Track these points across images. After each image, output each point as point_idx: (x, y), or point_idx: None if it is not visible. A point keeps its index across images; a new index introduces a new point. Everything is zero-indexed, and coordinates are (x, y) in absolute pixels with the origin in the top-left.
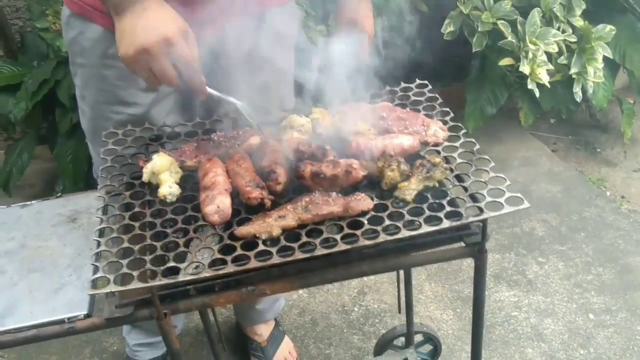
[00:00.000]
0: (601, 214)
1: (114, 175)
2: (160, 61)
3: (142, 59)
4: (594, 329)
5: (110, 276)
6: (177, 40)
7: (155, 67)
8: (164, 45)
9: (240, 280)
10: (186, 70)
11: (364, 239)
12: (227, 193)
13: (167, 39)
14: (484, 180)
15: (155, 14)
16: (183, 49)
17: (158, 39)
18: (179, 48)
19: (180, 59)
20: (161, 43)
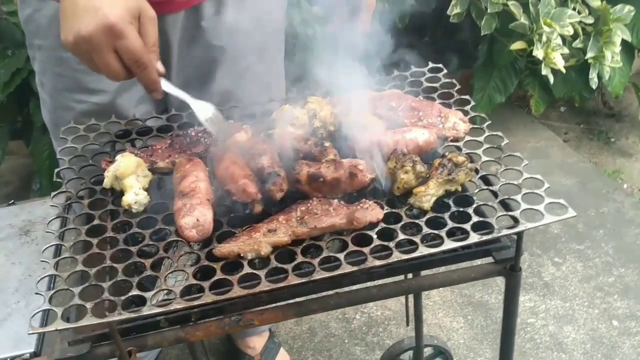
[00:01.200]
0: (620, 209)
1: (71, 179)
2: (102, 54)
3: (83, 49)
4: (618, 337)
5: (58, 309)
6: (122, 27)
7: (97, 61)
8: (107, 35)
9: (221, 309)
10: (135, 66)
11: (374, 258)
12: (209, 204)
13: (110, 27)
14: (516, 182)
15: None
16: (131, 40)
17: (99, 27)
18: (127, 40)
19: (128, 53)
20: (104, 32)
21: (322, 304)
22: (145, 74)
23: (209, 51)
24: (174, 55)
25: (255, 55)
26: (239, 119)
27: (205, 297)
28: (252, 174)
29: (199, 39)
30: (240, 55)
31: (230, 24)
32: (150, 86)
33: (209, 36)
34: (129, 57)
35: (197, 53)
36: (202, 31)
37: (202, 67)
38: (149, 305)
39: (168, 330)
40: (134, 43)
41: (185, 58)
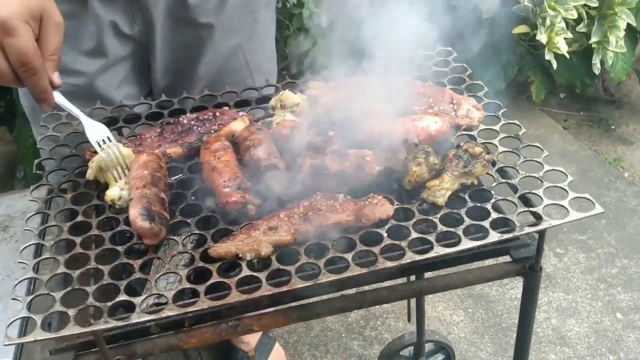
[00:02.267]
0: (622, 199)
1: (52, 170)
2: None
3: None
4: (622, 330)
5: (37, 317)
6: (14, 25)
7: None
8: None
9: (217, 313)
10: (21, 69)
11: (384, 259)
12: None
13: (1, 22)
14: (537, 175)
15: None
16: (21, 40)
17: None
18: (16, 39)
19: (15, 54)
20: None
21: (327, 307)
22: (33, 81)
23: (196, 30)
24: (157, 35)
25: (245, 33)
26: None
27: (201, 303)
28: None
29: (185, 16)
30: (229, 33)
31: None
32: (38, 95)
33: (195, 14)
34: (16, 58)
35: (182, 32)
36: (188, 8)
37: (188, 47)
38: (138, 312)
39: (159, 337)
40: (24, 43)
41: (170, 38)
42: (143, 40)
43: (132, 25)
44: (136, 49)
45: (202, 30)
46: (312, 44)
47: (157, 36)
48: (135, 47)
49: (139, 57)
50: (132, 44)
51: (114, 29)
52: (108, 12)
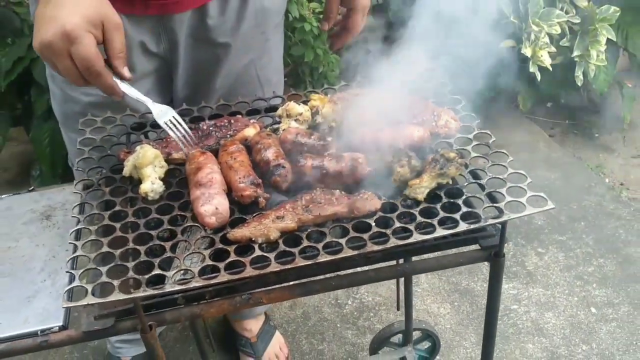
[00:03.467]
0: (601, 203)
1: (91, 168)
2: (60, 60)
3: (46, 55)
4: (596, 323)
5: (88, 286)
6: (78, 35)
7: (58, 66)
8: (63, 41)
9: (233, 288)
10: (87, 73)
11: (372, 243)
12: (225, 194)
13: (66, 34)
14: (502, 177)
15: (64, 1)
16: (84, 46)
17: (56, 33)
18: (80, 46)
19: (80, 60)
20: (60, 38)
21: (324, 284)
22: (98, 81)
23: (214, 48)
24: (180, 53)
25: (257, 51)
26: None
27: (221, 277)
28: (249, 171)
29: (205, 36)
30: (244, 51)
31: (234, 21)
32: (106, 91)
33: (214, 34)
34: (81, 63)
35: (202, 50)
36: (208, 29)
37: (207, 63)
38: (170, 284)
39: (184, 307)
40: (86, 50)
41: (191, 55)
42: (167, 57)
43: (158, 44)
44: (160, 65)
45: (220, 49)
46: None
47: (180, 54)
48: (160, 63)
49: (163, 72)
50: (157, 61)
51: (142, 47)
52: (137, 33)
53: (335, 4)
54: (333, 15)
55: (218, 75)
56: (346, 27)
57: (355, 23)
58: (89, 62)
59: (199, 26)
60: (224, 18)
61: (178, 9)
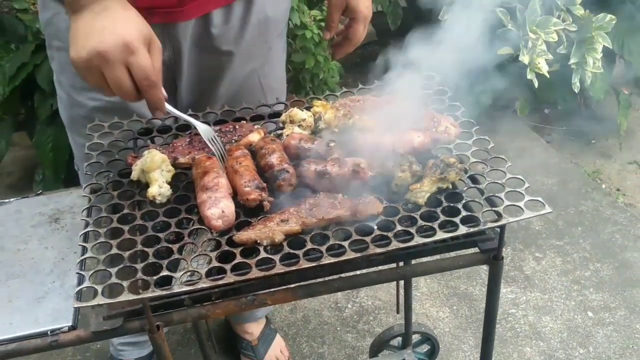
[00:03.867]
0: (598, 208)
1: (100, 172)
2: (115, 69)
3: (95, 65)
4: (593, 327)
5: (98, 287)
6: (137, 47)
7: (109, 75)
8: (122, 51)
9: (238, 289)
10: (144, 83)
11: (374, 246)
12: (231, 197)
13: (127, 45)
14: (500, 182)
15: (116, 15)
16: (143, 58)
17: (116, 43)
18: (140, 57)
19: (139, 70)
20: (119, 48)
21: (327, 286)
22: (153, 92)
23: (218, 56)
24: (184, 60)
25: (260, 59)
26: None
27: (228, 278)
28: (254, 175)
29: (209, 45)
30: (247, 59)
31: (237, 30)
32: (156, 104)
33: (218, 43)
34: (141, 74)
35: (206, 58)
36: (212, 38)
37: (210, 71)
38: (177, 284)
39: (191, 308)
40: (146, 61)
41: (195, 63)
42: (171, 65)
43: (162, 52)
44: (165, 73)
45: (224, 57)
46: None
47: (184, 61)
48: (164, 71)
49: (167, 79)
50: (162, 69)
51: None
52: None
53: (337, 13)
54: (334, 25)
55: (221, 83)
56: (348, 36)
57: (356, 33)
58: (147, 72)
59: (203, 35)
60: (227, 27)
61: (182, 18)
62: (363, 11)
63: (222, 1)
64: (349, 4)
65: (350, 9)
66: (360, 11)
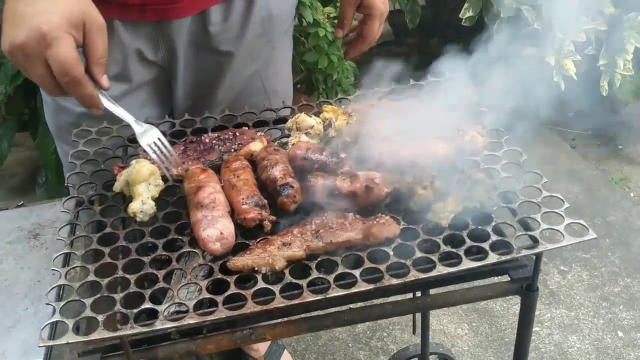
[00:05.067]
0: (627, 218)
1: (82, 184)
2: (33, 64)
3: (17, 59)
4: (623, 348)
5: (69, 321)
6: (55, 36)
7: (30, 73)
8: (38, 43)
9: (234, 322)
10: (64, 80)
11: (390, 275)
12: (230, 217)
13: (42, 35)
14: (535, 201)
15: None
16: (62, 50)
17: (29, 35)
18: (57, 49)
19: (56, 65)
20: (34, 40)
21: (335, 319)
22: (77, 90)
23: (217, 57)
24: (180, 61)
25: (263, 60)
26: (252, 125)
27: (219, 313)
28: (254, 191)
29: (206, 44)
30: (248, 60)
31: (238, 28)
32: (85, 102)
33: (216, 42)
34: (58, 70)
35: (204, 59)
36: (210, 37)
37: (209, 73)
38: (161, 319)
39: (179, 342)
40: (65, 54)
41: (191, 64)
42: (166, 66)
43: (156, 52)
44: (159, 74)
45: (223, 58)
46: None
47: (180, 62)
48: (158, 72)
49: (162, 82)
50: (155, 70)
51: (139, 55)
52: (133, 40)
53: (351, 9)
54: (348, 22)
55: (221, 86)
56: (362, 34)
57: (371, 30)
58: (66, 68)
59: (200, 33)
60: (227, 25)
61: (177, 15)
62: (379, 7)
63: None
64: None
65: (365, 4)
66: (376, 7)
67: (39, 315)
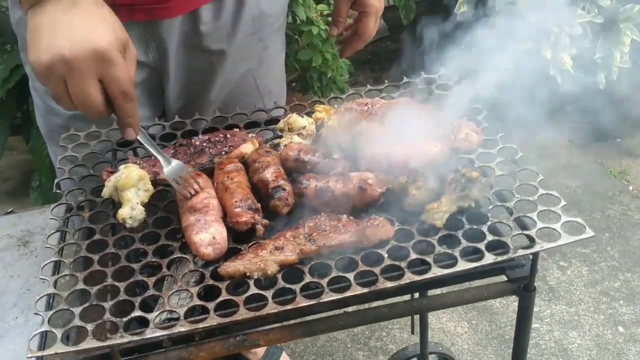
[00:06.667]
0: (626, 212)
1: (71, 190)
2: (83, 81)
3: (58, 72)
4: (624, 343)
5: (57, 331)
6: (113, 55)
7: (74, 87)
8: (96, 60)
9: (226, 328)
10: (120, 97)
11: (385, 278)
12: (223, 222)
13: (100, 52)
14: (532, 199)
15: (87, 13)
16: (122, 69)
17: (86, 50)
18: (116, 67)
19: (117, 83)
20: (91, 57)
21: (330, 323)
22: (130, 107)
23: (209, 56)
24: (171, 62)
25: (256, 59)
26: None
27: (210, 320)
28: (247, 194)
29: (198, 44)
30: (241, 59)
31: (229, 27)
32: (129, 119)
33: (207, 41)
34: (117, 88)
35: (195, 59)
36: (201, 36)
37: (201, 73)
38: (151, 328)
39: (171, 350)
40: (124, 72)
41: (183, 64)
42: (157, 67)
43: (146, 52)
44: (150, 75)
45: (215, 57)
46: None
47: (171, 63)
48: (149, 72)
49: (153, 82)
50: (146, 70)
51: None
52: None
53: (345, 7)
54: (343, 20)
55: (213, 86)
56: (357, 32)
57: (367, 28)
58: (125, 86)
59: (190, 33)
60: (218, 24)
61: (167, 15)
62: (374, 4)
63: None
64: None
65: (360, 2)
66: (372, 4)
67: (29, 325)
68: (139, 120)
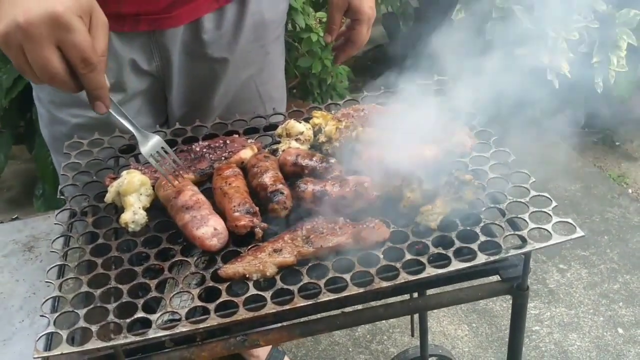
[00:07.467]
0: (625, 215)
1: (75, 196)
2: (40, 47)
3: (14, 40)
4: (624, 345)
5: (63, 332)
6: (70, 19)
7: (32, 55)
8: (50, 24)
9: (227, 328)
10: (81, 65)
11: (380, 279)
12: (216, 213)
13: (55, 17)
14: (524, 201)
15: None
16: (79, 33)
17: (41, 15)
18: (74, 32)
19: (75, 49)
20: (46, 21)
21: (328, 323)
22: (92, 76)
23: (211, 64)
24: (174, 70)
25: (257, 65)
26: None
27: (211, 320)
28: (245, 198)
29: (200, 52)
30: (243, 66)
31: (231, 35)
32: (95, 91)
33: (210, 49)
34: (77, 54)
35: (198, 67)
36: (203, 44)
37: (203, 80)
38: (154, 328)
39: (173, 351)
40: (83, 38)
41: (186, 72)
42: (160, 75)
43: (150, 61)
44: (153, 83)
45: (217, 65)
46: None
47: (174, 71)
48: (153, 81)
49: (156, 90)
50: (149, 79)
51: (133, 65)
52: (128, 51)
53: (339, 15)
54: (336, 27)
55: (216, 93)
56: (351, 39)
57: (359, 35)
58: (85, 52)
59: (193, 41)
60: (220, 32)
61: (171, 24)
62: (367, 12)
63: (213, 5)
64: (351, 4)
65: (353, 9)
66: (364, 12)
67: (35, 327)
68: (107, 92)
